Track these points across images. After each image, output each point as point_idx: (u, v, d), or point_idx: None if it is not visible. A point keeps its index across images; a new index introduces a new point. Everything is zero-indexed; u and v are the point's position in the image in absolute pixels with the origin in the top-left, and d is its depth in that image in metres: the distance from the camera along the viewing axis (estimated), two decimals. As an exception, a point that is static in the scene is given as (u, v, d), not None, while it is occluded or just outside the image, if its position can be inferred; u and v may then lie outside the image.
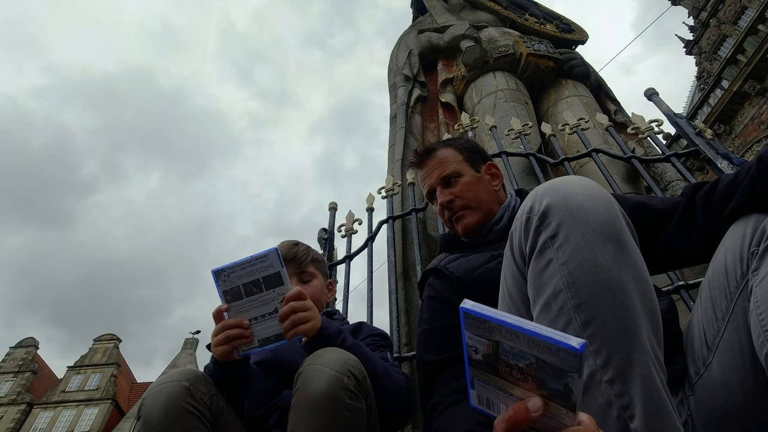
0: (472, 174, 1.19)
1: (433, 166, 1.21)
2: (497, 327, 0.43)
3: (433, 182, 1.20)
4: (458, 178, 1.18)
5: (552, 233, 0.60)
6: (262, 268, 0.87)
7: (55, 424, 24.51)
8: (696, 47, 21.70)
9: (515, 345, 0.43)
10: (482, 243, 1.13)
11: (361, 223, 2.34)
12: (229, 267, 0.88)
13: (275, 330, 0.87)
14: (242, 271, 0.88)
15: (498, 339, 0.44)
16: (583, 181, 0.65)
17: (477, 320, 0.44)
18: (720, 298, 0.66)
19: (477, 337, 0.46)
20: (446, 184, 1.18)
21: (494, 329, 0.44)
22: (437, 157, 1.22)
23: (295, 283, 1.22)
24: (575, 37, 4.67)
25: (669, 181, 2.48)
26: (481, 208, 1.15)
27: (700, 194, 0.78)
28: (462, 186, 1.16)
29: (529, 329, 0.41)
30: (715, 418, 0.65)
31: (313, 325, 0.88)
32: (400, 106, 3.60)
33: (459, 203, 1.15)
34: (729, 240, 0.68)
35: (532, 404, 0.43)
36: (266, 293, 0.88)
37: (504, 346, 0.44)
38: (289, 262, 1.24)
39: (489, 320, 0.44)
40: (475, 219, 1.14)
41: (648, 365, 0.53)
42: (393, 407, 0.93)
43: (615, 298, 0.55)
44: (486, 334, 0.45)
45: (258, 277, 0.87)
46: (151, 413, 0.78)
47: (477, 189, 1.17)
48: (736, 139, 15.27)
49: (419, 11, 5.74)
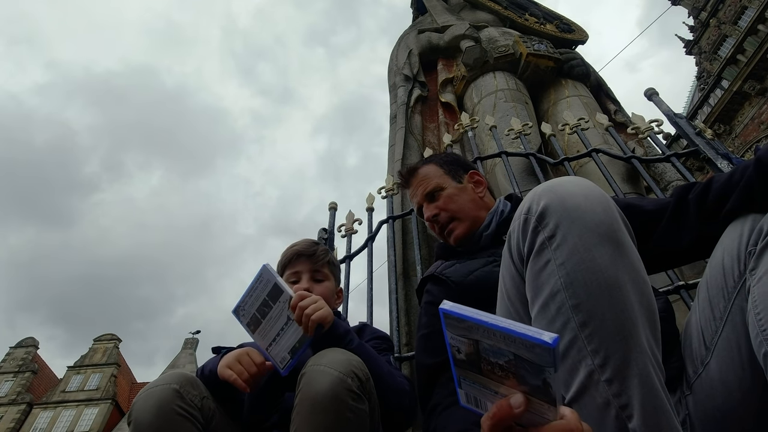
0: (453, 186, 1.25)
1: (416, 183, 1.28)
2: (475, 326, 0.44)
3: (419, 199, 1.27)
4: (440, 191, 1.24)
5: (549, 234, 0.60)
6: (263, 288, 0.92)
7: (55, 424, 24.52)
8: (696, 47, 21.69)
9: (493, 343, 0.44)
10: (475, 250, 1.15)
11: (361, 223, 2.34)
12: (241, 301, 0.95)
13: (297, 334, 0.90)
14: (251, 299, 0.94)
15: (477, 338, 0.45)
16: (580, 181, 0.65)
17: (456, 320, 0.45)
18: (718, 298, 0.66)
19: (458, 336, 0.46)
20: (431, 199, 1.25)
21: (473, 328, 0.45)
22: (419, 175, 1.29)
23: (307, 281, 1.25)
24: (575, 37, 4.67)
25: (669, 181, 2.48)
26: (467, 217, 1.19)
27: (694, 194, 0.78)
28: (445, 199, 1.22)
29: (503, 326, 0.42)
30: (713, 417, 0.65)
31: (328, 310, 0.90)
32: (400, 106, 3.60)
33: (444, 216, 1.21)
34: (726, 240, 0.68)
35: (514, 401, 0.44)
36: (275, 308, 0.92)
37: (484, 345, 0.45)
38: (306, 258, 1.28)
39: (467, 320, 0.44)
40: (463, 229, 1.19)
41: (646, 365, 0.53)
42: (396, 409, 0.93)
43: (613, 297, 0.55)
44: (466, 334, 0.46)
45: (264, 297, 0.92)
46: (142, 417, 0.78)
47: (460, 199, 1.22)
48: (736, 139, 15.26)
49: (419, 11, 5.74)
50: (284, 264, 1.31)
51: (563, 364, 0.55)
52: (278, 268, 1.34)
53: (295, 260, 1.29)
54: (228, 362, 0.90)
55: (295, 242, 1.36)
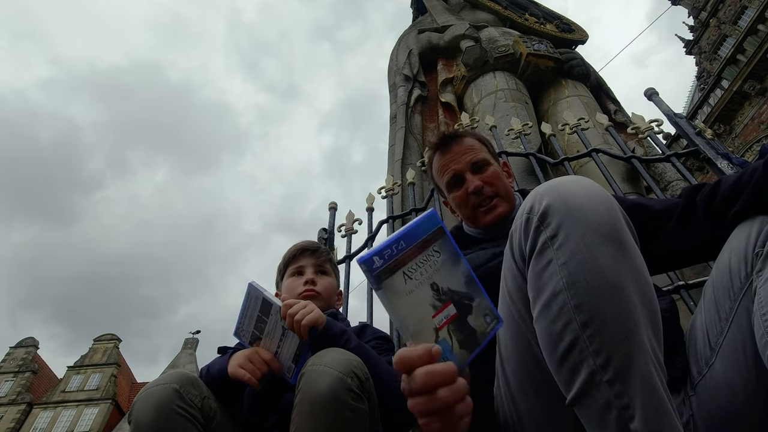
0: (497, 165, 1.20)
1: (461, 151, 1.18)
2: (392, 247, 0.47)
3: (462, 167, 1.16)
4: (488, 166, 1.17)
5: (552, 233, 0.59)
6: (254, 305, 0.94)
7: (55, 424, 24.52)
8: (696, 47, 21.70)
9: (414, 260, 0.48)
10: (489, 239, 1.13)
11: (361, 223, 2.34)
12: (239, 322, 0.96)
13: (295, 342, 0.92)
14: (246, 318, 0.95)
15: (408, 261, 0.48)
16: (583, 181, 0.65)
17: (380, 257, 0.47)
18: (724, 299, 0.66)
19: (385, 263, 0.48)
20: (476, 169, 1.16)
21: (397, 255, 0.48)
22: (465, 143, 1.19)
23: (312, 273, 1.28)
24: (575, 37, 4.67)
25: (669, 181, 2.48)
26: (509, 200, 1.15)
27: (702, 195, 0.78)
28: (492, 174, 1.16)
29: (402, 231, 0.47)
30: (717, 418, 0.65)
31: (317, 313, 0.91)
32: (400, 106, 3.60)
33: (490, 190, 1.13)
34: (734, 241, 0.68)
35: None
36: (269, 321, 0.93)
37: (408, 267, 0.48)
38: (311, 253, 1.32)
39: (384, 249, 0.47)
40: (506, 208, 1.13)
41: (648, 366, 0.53)
42: (396, 409, 0.93)
43: (615, 298, 0.55)
44: (392, 265, 0.48)
45: (257, 314, 0.94)
46: (142, 417, 0.78)
47: (504, 180, 1.17)
48: (736, 139, 15.27)
49: (419, 11, 5.74)
50: (288, 260, 1.32)
51: (565, 364, 0.55)
52: (281, 267, 1.34)
53: (300, 255, 1.31)
54: (240, 362, 0.91)
55: (297, 242, 1.38)
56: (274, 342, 0.94)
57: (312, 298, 1.22)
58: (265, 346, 0.95)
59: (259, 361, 0.92)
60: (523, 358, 0.66)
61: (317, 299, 1.22)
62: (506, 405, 0.71)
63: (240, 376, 0.89)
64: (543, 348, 0.59)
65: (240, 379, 0.89)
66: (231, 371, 0.91)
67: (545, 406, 0.65)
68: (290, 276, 1.29)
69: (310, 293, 1.23)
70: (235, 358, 0.93)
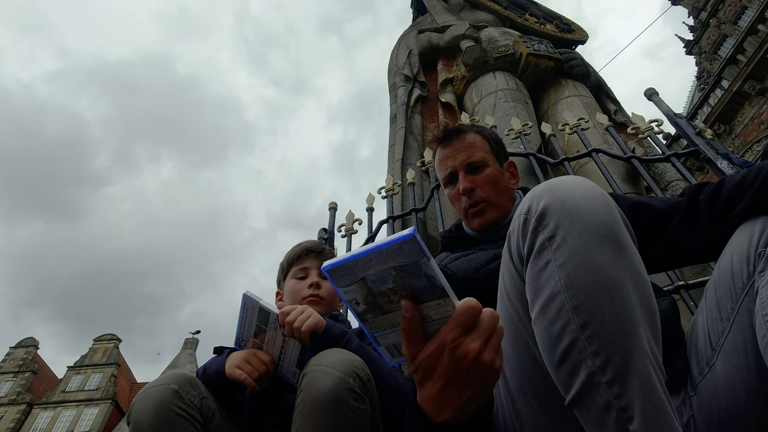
0: (496, 167, 1.17)
1: (460, 148, 1.16)
2: (354, 264, 0.46)
3: (457, 165, 1.15)
4: (484, 168, 1.14)
5: (550, 234, 0.59)
6: (251, 315, 0.93)
7: (55, 424, 24.52)
8: (696, 47, 21.69)
9: (374, 269, 0.45)
10: (489, 240, 1.12)
11: (361, 223, 2.34)
12: (238, 333, 0.96)
13: (297, 347, 0.93)
14: (245, 328, 0.95)
15: (362, 275, 0.46)
16: (580, 181, 0.64)
17: (339, 270, 0.46)
18: (725, 299, 0.66)
19: (348, 287, 0.47)
20: (471, 170, 1.14)
21: (354, 267, 0.46)
22: (466, 140, 1.17)
23: (316, 277, 1.27)
24: (575, 37, 4.67)
25: (669, 181, 2.48)
26: (500, 205, 1.13)
27: (705, 195, 0.78)
28: (486, 177, 1.13)
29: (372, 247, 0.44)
30: (718, 418, 0.65)
31: (316, 317, 0.91)
32: (400, 106, 3.60)
33: (480, 194, 1.12)
34: (736, 241, 0.68)
35: (404, 309, 0.46)
36: (269, 329, 0.93)
37: (369, 278, 0.46)
38: (316, 254, 1.31)
39: (346, 262, 0.46)
40: (493, 215, 1.12)
41: (647, 366, 0.52)
42: (397, 410, 0.92)
43: (613, 299, 0.54)
44: (352, 278, 0.47)
45: (255, 323, 0.94)
46: (141, 417, 0.78)
47: (499, 183, 1.14)
48: (736, 139, 15.26)
49: (419, 11, 5.74)
50: (292, 260, 1.31)
51: (564, 365, 0.55)
52: (284, 266, 1.34)
53: (304, 256, 1.30)
54: (236, 362, 0.92)
55: (300, 242, 1.37)
56: (276, 349, 0.94)
57: (316, 303, 1.21)
58: (268, 353, 0.95)
59: (257, 361, 0.92)
60: (521, 360, 0.66)
61: (321, 304, 1.22)
62: (505, 406, 0.71)
63: (237, 377, 0.89)
64: (541, 349, 0.58)
65: (237, 380, 0.89)
66: (228, 372, 0.91)
67: (544, 407, 0.65)
68: (294, 277, 1.28)
69: (314, 299, 1.22)
70: (232, 359, 0.93)
